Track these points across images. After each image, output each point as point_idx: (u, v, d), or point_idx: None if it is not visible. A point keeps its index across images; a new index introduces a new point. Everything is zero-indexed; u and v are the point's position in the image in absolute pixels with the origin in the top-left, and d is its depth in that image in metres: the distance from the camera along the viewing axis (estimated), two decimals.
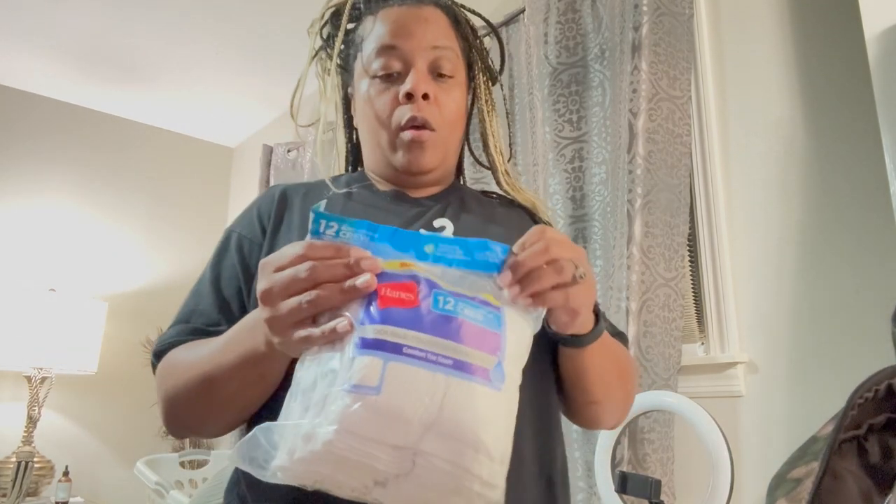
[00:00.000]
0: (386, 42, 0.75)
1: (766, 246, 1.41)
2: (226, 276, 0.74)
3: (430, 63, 0.76)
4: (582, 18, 1.79)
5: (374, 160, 0.81)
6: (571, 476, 1.54)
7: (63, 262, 3.07)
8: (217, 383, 0.61)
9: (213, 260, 0.76)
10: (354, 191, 0.79)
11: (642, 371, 1.39)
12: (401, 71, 0.75)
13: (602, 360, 0.69)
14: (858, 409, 0.41)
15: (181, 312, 0.74)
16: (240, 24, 2.61)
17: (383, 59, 0.75)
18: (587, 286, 0.58)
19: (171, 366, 0.68)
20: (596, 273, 1.62)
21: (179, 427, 0.70)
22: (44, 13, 2.53)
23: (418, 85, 0.73)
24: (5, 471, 2.50)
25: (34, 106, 3.13)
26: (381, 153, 0.78)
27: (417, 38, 0.76)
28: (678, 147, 1.50)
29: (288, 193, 0.79)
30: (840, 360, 1.25)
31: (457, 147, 0.83)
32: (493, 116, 0.88)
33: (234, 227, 0.78)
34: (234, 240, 0.76)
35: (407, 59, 0.75)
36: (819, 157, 1.34)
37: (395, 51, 0.75)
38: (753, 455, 1.34)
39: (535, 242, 0.55)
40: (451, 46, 0.79)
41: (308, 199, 0.78)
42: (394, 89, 0.75)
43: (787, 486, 0.41)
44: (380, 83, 0.76)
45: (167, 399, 0.67)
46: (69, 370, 2.70)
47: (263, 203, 0.79)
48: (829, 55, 1.36)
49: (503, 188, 0.87)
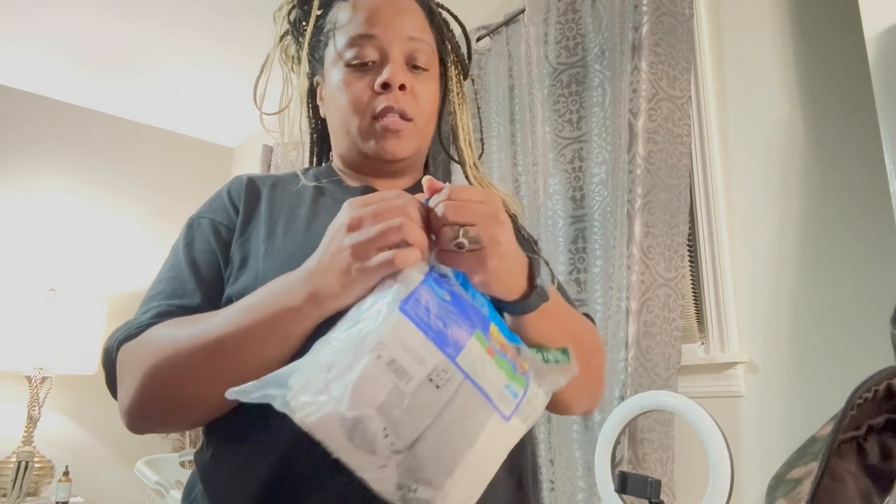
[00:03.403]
0: (362, 31, 0.74)
1: (766, 246, 1.41)
2: (204, 261, 0.71)
3: (407, 54, 0.76)
4: (582, 18, 1.78)
5: (343, 150, 0.80)
6: (571, 476, 1.54)
7: (63, 262, 3.07)
8: (231, 348, 0.57)
9: (183, 246, 0.73)
10: (325, 185, 0.79)
11: (642, 371, 1.39)
12: (376, 60, 0.75)
13: (550, 333, 0.63)
14: (858, 409, 0.41)
15: (151, 297, 0.69)
16: (240, 23, 2.60)
17: (359, 47, 0.74)
18: (489, 254, 0.54)
19: (156, 341, 0.62)
20: (596, 273, 1.62)
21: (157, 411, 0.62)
22: (43, 13, 2.53)
23: (396, 75, 0.73)
24: (5, 471, 2.50)
25: (34, 106, 3.13)
26: (352, 142, 0.77)
27: (395, 28, 0.75)
28: (678, 147, 1.50)
29: (256, 183, 0.78)
30: (840, 360, 1.25)
31: (429, 140, 0.82)
32: (464, 110, 0.88)
33: (204, 214, 0.76)
34: (207, 225, 0.74)
35: (383, 48, 0.74)
36: (819, 157, 1.34)
37: (373, 39, 0.74)
38: (753, 455, 1.34)
39: (440, 197, 0.55)
40: (427, 39, 0.78)
41: (276, 191, 0.77)
42: (368, 78, 0.74)
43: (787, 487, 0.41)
44: (354, 71, 0.75)
45: (151, 375, 0.60)
46: (69, 370, 2.70)
47: (233, 190, 0.77)
48: (829, 55, 1.35)
49: (471, 182, 0.87)
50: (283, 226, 0.72)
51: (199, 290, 0.68)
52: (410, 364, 0.48)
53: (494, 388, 0.51)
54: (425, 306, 0.51)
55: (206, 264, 0.71)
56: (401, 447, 0.47)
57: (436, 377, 0.49)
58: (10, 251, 2.95)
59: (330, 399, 0.46)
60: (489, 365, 0.51)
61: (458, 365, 0.50)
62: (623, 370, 1.39)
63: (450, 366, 0.49)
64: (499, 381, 0.52)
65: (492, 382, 0.51)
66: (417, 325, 0.49)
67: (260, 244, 0.70)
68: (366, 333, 0.49)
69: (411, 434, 0.48)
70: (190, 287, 0.69)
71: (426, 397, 0.48)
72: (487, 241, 0.54)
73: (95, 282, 3.13)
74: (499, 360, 0.53)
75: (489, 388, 0.51)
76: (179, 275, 0.70)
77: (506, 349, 0.54)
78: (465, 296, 0.55)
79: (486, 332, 0.54)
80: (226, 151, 3.79)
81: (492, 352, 0.52)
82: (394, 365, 0.48)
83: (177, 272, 0.71)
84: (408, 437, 0.48)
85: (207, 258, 0.71)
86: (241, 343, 0.57)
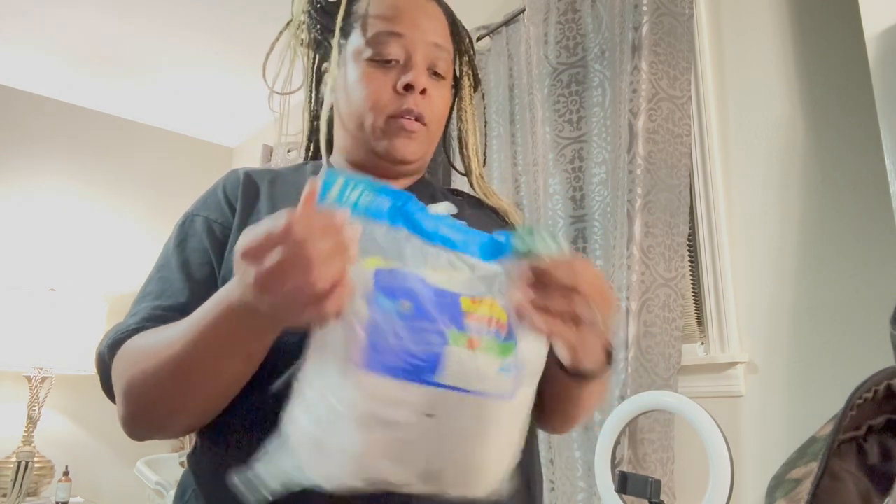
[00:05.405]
0: (391, 28, 0.74)
1: (766, 246, 1.41)
2: (196, 261, 0.70)
3: (430, 60, 0.76)
4: (582, 18, 1.78)
5: (351, 145, 0.79)
6: (571, 476, 1.54)
7: (63, 261, 3.07)
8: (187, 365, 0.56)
9: (176, 245, 0.71)
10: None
11: (642, 371, 1.39)
12: (399, 60, 0.74)
13: (597, 395, 0.68)
14: (857, 409, 0.41)
15: (140, 299, 0.68)
16: (240, 23, 2.60)
17: (384, 44, 0.74)
18: (598, 334, 0.53)
19: (132, 355, 0.61)
20: None
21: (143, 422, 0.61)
22: (43, 13, 2.53)
23: (420, 79, 0.73)
24: (5, 471, 2.50)
25: (34, 106, 3.13)
26: (363, 138, 0.75)
27: (422, 31, 0.75)
28: (678, 147, 1.50)
29: (253, 178, 0.77)
30: (840, 360, 1.25)
31: (435, 146, 0.82)
32: (473, 120, 0.88)
33: (197, 212, 0.74)
34: (200, 224, 0.72)
35: (409, 49, 0.74)
36: (819, 157, 1.34)
37: (400, 38, 0.74)
38: (753, 455, 1.34)
39: (562, 260, 0.51)
40: (448, 48, 0.79)
41: (276, 187, 0.76)
42: (390, 76, 0.74)
43: (787, 487, 0.41)
44: (376, 68, 0.74)
45: (129, 391, 0.59)
46: (69, 370, 2.69)
47: (228, 186, 0.76)
48: (829, 55, 1.35)
49: (476, 192, 0.87)
50: None
51: (188, 289, 0.67)
52: (394, 412, 0.47)
53: (489, 381, 0.49)
54: (384, 346, 0.46)
55: (197, 264, 0.69)
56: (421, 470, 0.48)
57: (426, 409, 0.47)
58: (10, 251, 2.95)
59: (337, 473, 0.46)
60: (477, 359, 0.48)
61: (442, 384, 0.47)
62: (623, 370, 1.39)
63: (433, 390, 0.47)
64: (491, 369, 0.49)
65: (484, 376, 0.49)
66: (383, 372, 0.46)
67: None
68: (336, 402, 0.46)
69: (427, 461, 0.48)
70: (178, 286, 0.67)
71: (425, 430, 0.47)
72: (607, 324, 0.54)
73: (95, 282, 3.12)
74: (485, 344, 0.49)
75: (483, 386, 0.49)
76: (168, 275, 0.69)
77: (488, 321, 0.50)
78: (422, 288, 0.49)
79: (460, 321, 0.49)
80: (226, 151, 3.79)
81: (474, 342, 0.48)
82: (378, 419, 0.46)
83: (167, 272, 0.69)
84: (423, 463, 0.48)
85: (200, 258, 0.70)
86: (200, 364, 0.56)
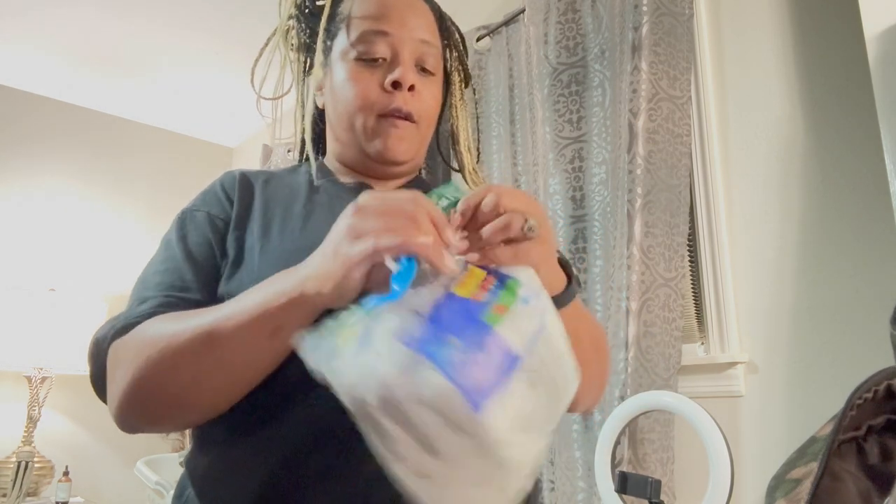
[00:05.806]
0: (377, 27, 0.74)
1: (766, 246, 1.41)
2: (201, 254, 0.69)
3: (417, 56, 0.75)
4: (582, 18, 1.78)
5: (342, 146, 0.78)
6: (571, 476, 1.54)
7: (63, 261, 3.07)
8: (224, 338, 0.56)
9: (179, 238, 0.70)
10: (320, 182, 0.78)
11: (642, 371, 1.39)
12: (386, 57, 0.74)
13: (576, 328, 0.60)
14: (857, 409, 0.41)
15: (147, 288, 0.67)
16: (240, 23, 2.60)
17: (370, 42, 0.74)
18: (540, 241, 0.53)
19: (152, 332, 0.60)
20: (596, 273, 1.62)
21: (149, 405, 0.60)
22: (43, 13, 2.53)
23: (407, 75, 0.72)
24: (5, 471, 2.50)
25: (34, 106, 3.13)
26: (354, 139, 0.75)
27: (409, 28, 0.75)
28: (678, 147, 1.50)
29: (248, 178, 0.77)
30: (840, 360, 1.25)
31: (427, 144, 0.82)
32: (465, 115, 0.88)
33: (198, 207, 0.74)
34: (202, 218, 0.72)
35: (395, 46, 0.74)
36: (819, 157, 1.34)
37: (386, 37, 0.74)
38: (753, 455, 1.34)
39: (482, 194, 0.52)
40: (436, 44, 0.78)
41: (269, 188, 0.76)
42: (378, 74, 0.73)
43: (787, 487, 0.41)
44: (363, 67, 0.74)
45: (145, 366, 0.58)
46: (69, 370, 2.69)
47: (226, 184, 0.76)
48: (829, 55, 1.35)
49: (470, 187, 0.87)
50: (279, 224, 0.71)
51: (199, 284, 0.67)
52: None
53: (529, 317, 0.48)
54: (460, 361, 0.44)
55: (203, 257, 0.69)
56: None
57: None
58: (10, 251, 2.95)
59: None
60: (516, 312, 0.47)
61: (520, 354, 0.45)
62: (623, 370, 1.39)
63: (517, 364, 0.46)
64: (521, 309, 0.48)
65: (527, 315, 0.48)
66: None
67: (255, 242, 0.69)
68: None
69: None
70: (189, 279, 0.67)
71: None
72: (545, 230, 0.54)
73: (95, 282, 3.12)
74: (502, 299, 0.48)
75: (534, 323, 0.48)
76: (176, 266, 0.68)
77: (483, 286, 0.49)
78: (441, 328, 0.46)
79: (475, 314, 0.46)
80: (226, 151, 3.79)
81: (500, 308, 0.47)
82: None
83: (173, 264, 0.68)
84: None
85: (204, 251, 0.69)
86: (233, 333, 0.55)
